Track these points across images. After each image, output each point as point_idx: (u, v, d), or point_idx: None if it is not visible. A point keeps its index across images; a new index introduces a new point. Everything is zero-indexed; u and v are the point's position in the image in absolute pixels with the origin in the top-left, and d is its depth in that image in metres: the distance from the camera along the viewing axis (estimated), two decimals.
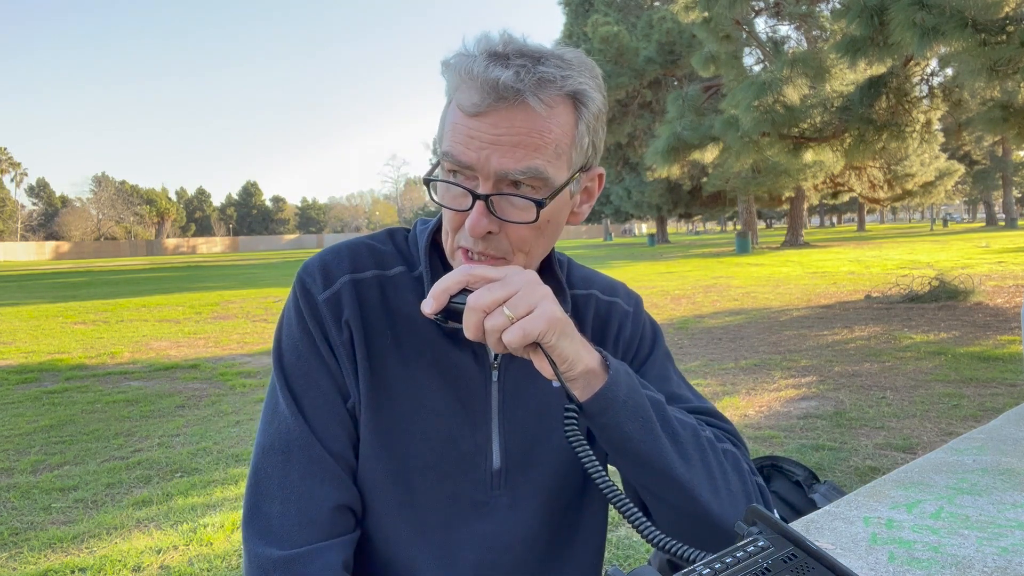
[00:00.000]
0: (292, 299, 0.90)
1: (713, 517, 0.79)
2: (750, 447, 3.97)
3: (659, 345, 1.00)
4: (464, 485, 0.88)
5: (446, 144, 0.78)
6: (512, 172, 0.75)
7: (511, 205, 0.77)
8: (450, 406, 0.87)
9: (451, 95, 0.80)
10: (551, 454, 0.91)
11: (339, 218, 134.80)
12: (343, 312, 0.86)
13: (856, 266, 16.99)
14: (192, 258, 55.92)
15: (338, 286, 0.87)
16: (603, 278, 1.03)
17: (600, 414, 0.75)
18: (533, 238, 0.81)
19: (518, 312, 0.70)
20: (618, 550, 2.79)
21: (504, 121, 0.74)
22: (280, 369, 0.88)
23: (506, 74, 0.73)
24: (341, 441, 0.86)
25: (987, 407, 4.54)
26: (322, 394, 0.86)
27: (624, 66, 21.71)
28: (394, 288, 0.89)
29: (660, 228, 44.44)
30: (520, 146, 0.75)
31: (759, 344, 7.32)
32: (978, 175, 45.13)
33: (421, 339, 0.87)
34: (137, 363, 7.49)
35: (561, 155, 0.78)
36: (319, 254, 0.91)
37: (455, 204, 0.79)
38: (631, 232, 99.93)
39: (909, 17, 6.79)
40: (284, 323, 0.90)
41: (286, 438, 0.84)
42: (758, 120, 9.95)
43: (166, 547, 2.99)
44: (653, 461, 0.77)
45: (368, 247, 0.92)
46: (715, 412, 0.94)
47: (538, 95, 0.74)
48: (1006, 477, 1.03)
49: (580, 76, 0.78)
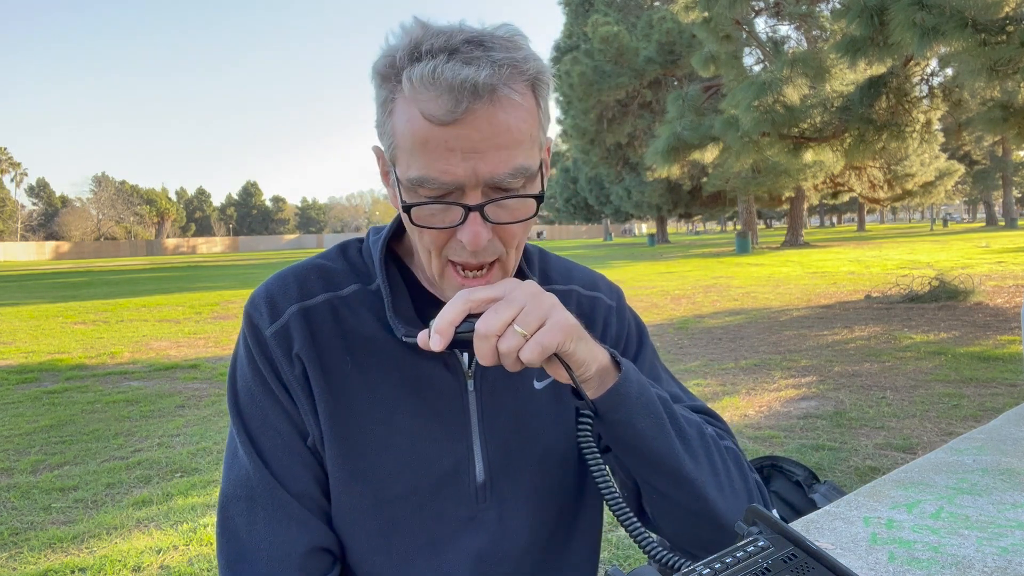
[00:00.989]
0: (241, 335, 0.85)
1: (719, 515, 0.78)
2: (750, 447, 3.98)
3: (645, 342, 0.97)
4: (448, 503, 0.84)
5: (420, 167, 0.70)
6: (502, 178, 0.70)
7: (504, 208, 0.73)
8: (425, 422, 0.83)
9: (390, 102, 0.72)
10: (538, 459, 0.87)
11: (339, 218, 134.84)
12: (293, 345, 0.81)
13: (856, 266, 16.99)
14: (192, 258, 55.92)
15: (286, 318, 0.82)
16: (581, 271, 0.99)
17: (613, 411, 0.74)
18: (522, 231, 0.78)
19: (530, 328, 0.67)
20: (618, 550, 2.79)
21: (483, 123, 0.68)
22: (236, 412, 0.84)
23: (481, 72, 0.67)
24: (304, 481, 0.82)
25: (987, 407, 4.54)
26: (279, 435, 0.82)
27: (624, 66, 21.71)
28: (349, 309, 0.84)
29: (660, 228, 44.43)
30: (503, 147, 0.70)
31: (759, 344, 7.32)
32: (978, 175, 45.13)
33: (385, 357, 0.82)
34: (137, 363, 7.49)
35: (534, 142, 0.74)
36: (265, 284, 0.86)
37: (441, 223, 0.73)
38: (631, 232, 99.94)
39: (909, 17, 6.79)
40: (236, 362, 0.86)
41: (247, 485, 0.81)
42: (758, 120, 9.96)
43: (166, 547, 2.99)
44: (664, 458, 0.76)
45: (317, 268, 0.87)
46: (709, 411, 0.93)
47: (511, 86, 0.69)
48: (1006, 477, 1.03)
49: (529, 54, 0.73)
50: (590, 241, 69.03)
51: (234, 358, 0.87)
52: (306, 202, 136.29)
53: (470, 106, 0.67)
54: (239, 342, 0.86)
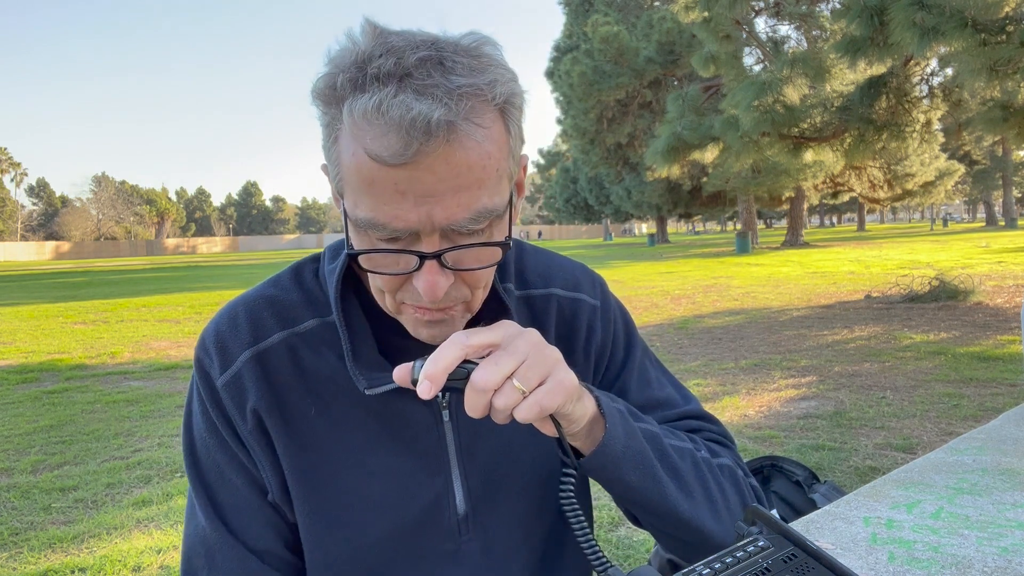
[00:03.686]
0: (192, 382, 0.80)
1: (715, 539, 0.78)
2: (750, 447, 3.97)
3: (634, 342, 0.92)
4: (430, 539, 0.79)
5: (367, 209, 0.61)
6: (461, 224, 0.62)
7: (465, 253, 0.65)
8: (400, 461, 0.78)
9: (334, 128, 0.63)
10: (520, 487, 0.83)
11: (339, 218, 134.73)
12: (247, 399, 0.75)
13: (856, 266, 16.99)
14: (192, 258, 55.91)
15: (238, 366, 0.76)
16: (561, 266, 0.91)
17: (600, 469, 0.71)
18: (490, 273, 0.70)
19: (530, 384, 0.62)
20: (618, 550, 2.80)
21: (439, 164, 0.59)
22: (192, 465, 0.79)
23: (435, 109, 0.57)
24: (266, 538, 0.78)
25: (987, 407, 4.54)
26: (237, 491, 0.78)
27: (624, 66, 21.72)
28: (308, 347, 0.77)
29: (660, 228, 44.44)
30: (463, 188, 0.60)
31: (759, 344, 7.32)
32: (978, 175, 45.19)
33: (352, 397, 0.76)
34: (137, 363, 7.49)
35: (502, 176, 0.64)
36: (214, 321, 0.79)
37: (395, 268, 0.65)
38: (631, 232, 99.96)
39: (909, 17, 6.79)
40: (190, 411, 0.81)
41: (205, 544, 0.77)
42: (758, 120, 9.96)
43: (166, 547, 2.99)
44: (657, 506, 0.75)
45: (269, 301, 0.79)
46: (702, 413, 0.91)
47: (472, 120, 0.59)
48: (1006, 477, 1.03)
49: (499, 73, 0.62)
50: (590, 241, 69.02)
51: (187, 406, 0.81)
52: (306, 202, 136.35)
53: (421, 147, 0.57)
54: (191, 389, 0.80)
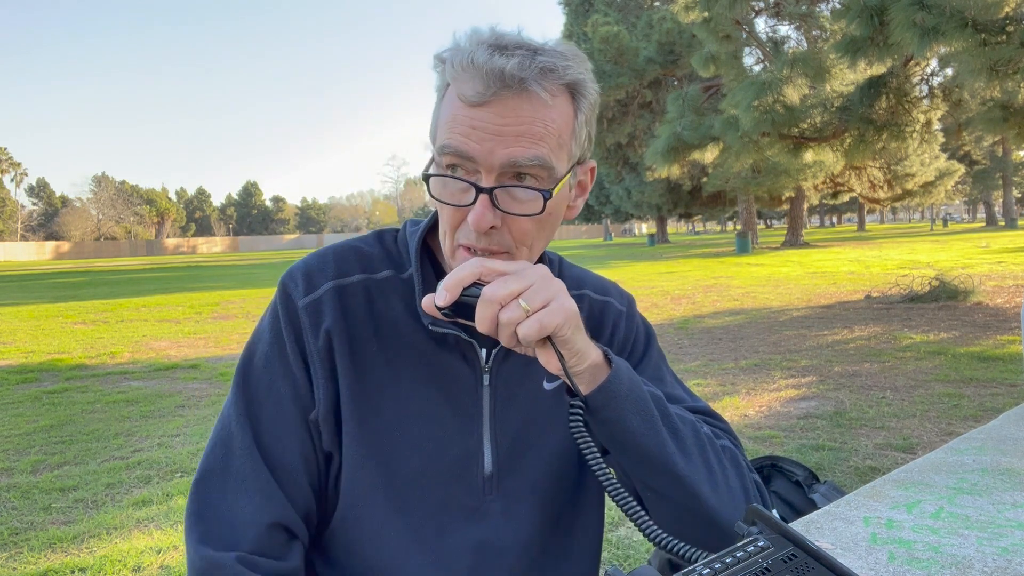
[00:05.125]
0: (271, 305, 0.88)
1: (713, 513, 0.79)
2: (750, 447, 3.97)
3: (652, 345, 0.99)
4: (456, 491, 0.86)
5: (444, 136, 0.75)
6: (519, 161, 0.73)
7: (515, 198, 0.76)
8: (440, 411, 0.85)
9: (443, 88, 0.78)
10: (544, 457, 0.90)
11: (339, 218, 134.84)
12: (323, 320, 0.84)
13: (856, 266, 16.99)
14: (192, 258, 55.91)
15: (320, 292, 0.85)
16: (594, 277, 1.02)
17: (603, 407, 0.75)
18: (535, 231, 0.79)
19: (534, 305, 0.69)
20: (618, 550, 2.79)
21: (508, 110, 0.73)
22: (242, 376, 0.86)
23: (511, 62, 0.72)
24: (291, 453, 0.83)
25: (987, 407, 4.54)
26: (281, 403, 0.84)
27: (624, 66, 21.70)
28: (381, 293, 0.87)
29: (660, 228, 44.43)
30: (525, 135, 0.73)
31: (759, 344, 7.32)
32: (978, 175, 45.16)
33: (409, 344, 0.85)
34: (137, 363, 7.49)
35: (563, 146, 0.77)
36: (304, 259, 0.89)
37: (455, 200, 0.77)
38: (631, 232, 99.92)
39: (909, 17, 6.79)
40: (258, 331, 0.88)
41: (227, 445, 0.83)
42: (758, 120, 9.95)
43: (166, 547, 2.99)
44: (655, 456, 0.77)
45: (355, 250, 0.90)
46: (711, 411, 0.94)
47: (541, 83, 0.73)
48: (1006, 477, 1.03)
49: (578, 67, 0.77)
50: (590, 241, 69.00)
51: (259, 324, 0.89)
52: (306, 202, 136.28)
53: (497, 92, 0.72)
54: (266, 313, 0.88)
